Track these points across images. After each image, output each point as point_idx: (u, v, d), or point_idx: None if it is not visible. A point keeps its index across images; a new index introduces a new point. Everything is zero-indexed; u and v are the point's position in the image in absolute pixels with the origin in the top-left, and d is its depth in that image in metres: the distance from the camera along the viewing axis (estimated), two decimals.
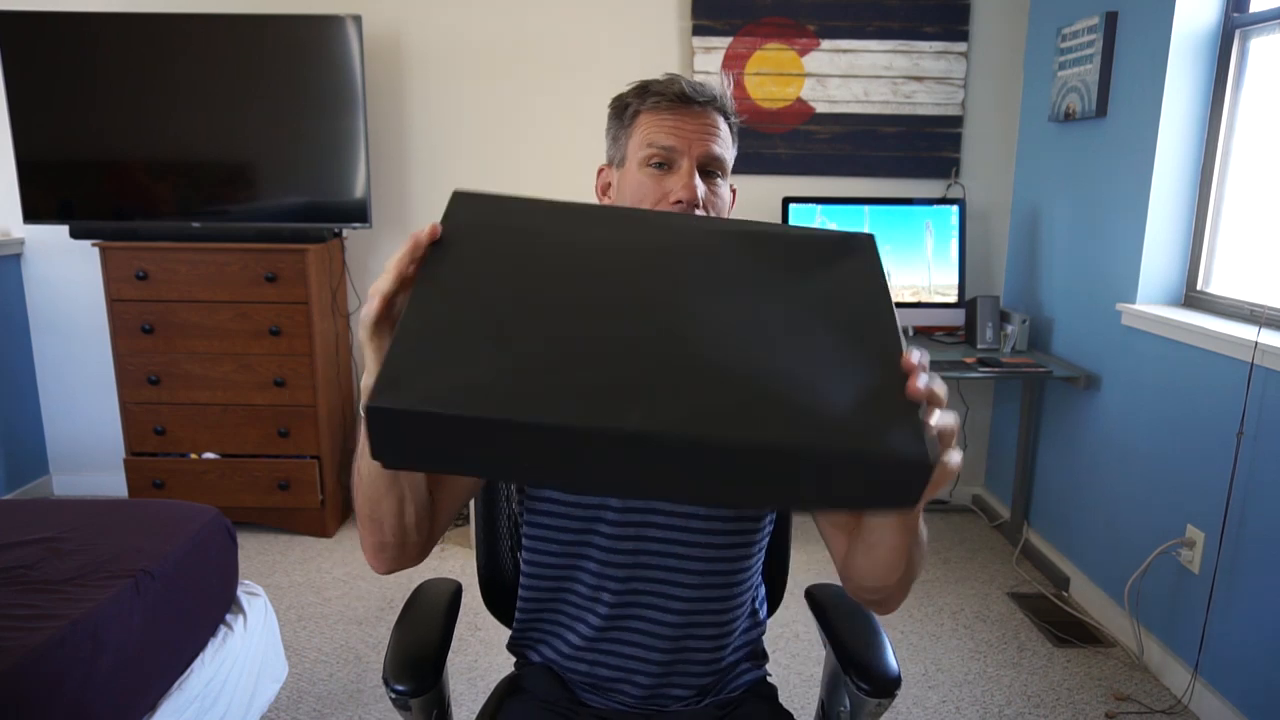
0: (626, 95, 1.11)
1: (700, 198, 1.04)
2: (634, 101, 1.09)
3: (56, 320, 3.31)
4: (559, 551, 1.13)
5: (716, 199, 1.07)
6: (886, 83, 3.18)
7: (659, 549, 1.11)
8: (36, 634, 1.42)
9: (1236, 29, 2.28)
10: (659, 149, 1.05)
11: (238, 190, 2.95)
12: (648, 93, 1.08)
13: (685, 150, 1.05)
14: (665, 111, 1.06)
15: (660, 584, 1.11)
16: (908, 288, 3.07)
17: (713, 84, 1.09)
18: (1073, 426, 2.81)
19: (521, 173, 3.23)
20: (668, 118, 1.06)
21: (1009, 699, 2.21)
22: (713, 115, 1.08)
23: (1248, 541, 2.01)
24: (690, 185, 1.03)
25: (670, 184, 1.05)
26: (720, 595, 1.14)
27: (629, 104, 1.10)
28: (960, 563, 2.97)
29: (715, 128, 1.07)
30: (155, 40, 2.84)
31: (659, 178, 1.06)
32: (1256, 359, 1.95)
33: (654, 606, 1.12)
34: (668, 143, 1.05)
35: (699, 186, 1.04)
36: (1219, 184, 2.35)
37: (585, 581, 1.13)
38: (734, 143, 1.12)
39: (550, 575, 1.15)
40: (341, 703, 2.15)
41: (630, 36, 3.16)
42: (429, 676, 1.07)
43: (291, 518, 3.09)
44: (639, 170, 1.07)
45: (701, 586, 1.12)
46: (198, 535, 1.88)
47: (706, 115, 1.07)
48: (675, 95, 1.06)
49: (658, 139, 1.06)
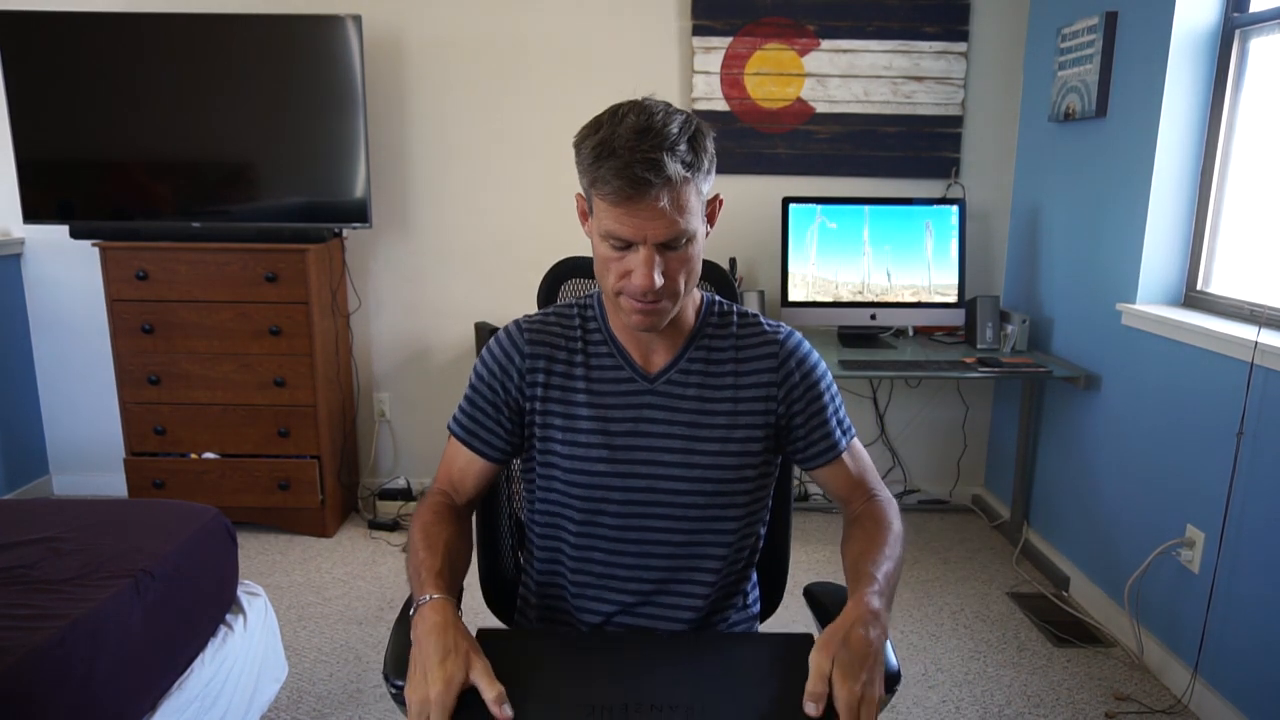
0: (583, 151, 1.05)
1: (657, 284, 1.05)
2: (588, 171, 1.04)
3: (56, 320, 3.31)
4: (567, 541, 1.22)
5: (680, 266, 1.07)
6: (886, 83, 3.18)
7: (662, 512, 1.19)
8: (36, 634, 1.42)
9: (1236, 29, 2.28)
10: (615, 238, 1.05)
11: (238, 190, 2.96)
12: (599, 170, 1.02)
13: (641, 239, 1.04)
14: (616, 204, 1.03)
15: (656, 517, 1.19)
16: (908, 288, 3.07)
17: (665, 152, 1.00)
18: (1073, 426, 2.81)
19: (521, 172, 3.23)
20: (620, 210, 1.03)
21: (1009, 699, 2.21)
22: (669, 196, 1.02)
23: (1247, 541, 2.01)
24: (647, 275, 1.04)
25: (631, 263, 1.06)
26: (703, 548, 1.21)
27: (584, 170, 1.05)
28: (960, 563, 2.97)
29: (671, 210, 1.02)
30: (155, 40, 2.84)
31: (620, 254, 1.06)
32: (1256, 359, 1.95)
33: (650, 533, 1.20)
34: (623, 234, 1.04)
35: (657, 276, 1.04)
36: (1219, 184, 2.35)
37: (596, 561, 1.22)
38: (704, 184, 1.07)
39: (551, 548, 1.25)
40: (341, 703, 2.15)
41: (630, 36, 3.16)
42: None
43: (291, 518, 3.09)
44: (601, 241, 1.08)
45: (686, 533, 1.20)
46: (198, 535, 1.88)
47: (659, 202, 1.01)
48: (621, 192, 1.01)
49: (613, 228, 1.04)
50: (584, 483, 1.17)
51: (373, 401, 3.41)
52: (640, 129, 1.02)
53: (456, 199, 3.26)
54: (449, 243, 3.29)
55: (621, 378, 1.18)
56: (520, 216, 3.26)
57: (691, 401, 1.18)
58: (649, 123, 1.02)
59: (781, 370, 1.20)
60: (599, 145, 1.03)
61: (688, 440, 1.17)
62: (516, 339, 1.20)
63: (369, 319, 3.35)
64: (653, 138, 1.01)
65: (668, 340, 1.19)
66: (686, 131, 1.04)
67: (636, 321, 1.11)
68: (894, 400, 3.42)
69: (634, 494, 1.17)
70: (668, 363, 1.19)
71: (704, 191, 1.08)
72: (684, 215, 1.04)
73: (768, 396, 1.19)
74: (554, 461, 1.18)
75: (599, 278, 1.13)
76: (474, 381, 1.21)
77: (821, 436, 1.22)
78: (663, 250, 1.05)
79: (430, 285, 3.32)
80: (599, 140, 1.03)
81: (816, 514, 3.36)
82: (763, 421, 1.19)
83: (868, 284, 3.06)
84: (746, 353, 1.20)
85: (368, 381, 3.40)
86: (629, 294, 1.08)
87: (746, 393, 1.19)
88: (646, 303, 1.08)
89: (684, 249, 1.07)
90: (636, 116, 1.03)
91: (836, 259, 3.05)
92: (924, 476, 3.50)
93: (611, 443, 1.16)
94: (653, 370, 1.19)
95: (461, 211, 3.27)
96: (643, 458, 1.16)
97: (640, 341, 1.19)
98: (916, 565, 2.95)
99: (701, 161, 1.05)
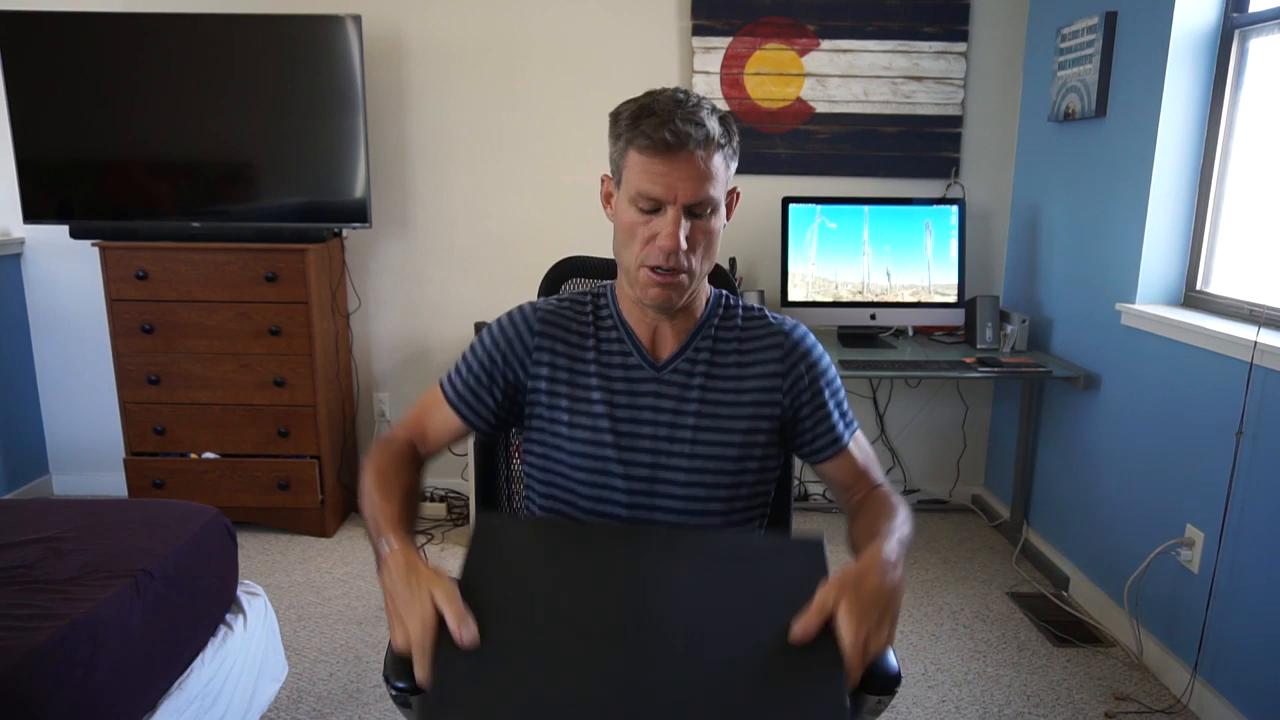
0: (622, 117, 1.12)
1: (682, 246, 1.09)
2: (626, 132, 1.11)
3: (56, 320, 3.31)
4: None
5: (702, 237, 1.12)
6: (886, 83, 3.18)
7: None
8: (36, 634, 1.42)
9: (1236, 29, 2.28)
10: (646, 198, 1.09)
11: (238, 190, 2.95)
12: (639, 127, 1.08)
13: (671, 200, 1.09)
14: (653, 156, 1.08)
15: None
16: (907, 288, 3.07)
17: (704, 115, 1.09)
18: (1072, 426, 2.81)
19: (521, 172, 3.23)
20: (655, 163, 1.08)
21: (1009, 699, 2.21)
22: (702, 156, 1.08)
23: (1247, 541, 2.02)
24: (673, 235, 1.09)
25: (657, 226, 1.10)
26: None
27: (621, 133, 1.12)
28: (960, 562, 2.97)
29: (704, 171, 1.08)
30: (155, 40, 2.84)
31: (647, 219, 1.11)
32: (1256, 359, 1.95)
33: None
34: (654, 193, 1.09)
35: (682, 236, 1.09)
36: (1218, 184, 2.36)
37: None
38: (731, 163, 1.14)
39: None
40: (341, 703, 2.15)
41: (630, 36, 3.16)
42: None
43: (291, 517, 3.09)
44: (629, 206, 1.12)
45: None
46: (198, 535, 1.88)
47: (694, 159, 1.08)
48: (661, 143, 1.07)
49: (644, 187, 1.09)
50: (589, 467, 1.18)
51: (373, 401, 3.41)
52: (678, 100, 1.10)
53: (456, 199, 3.26)
54: (449, 243, 3.29)
55: (630, 364, 1.20)
56: (520, 216, 3.26)
57: (696, 391, 1.19)
58: (685, 97, 1.12)
59: (787, 362, 1.21)
60: (640, 108, 1.10)
61: (693, 430, 1.18)
62: (530, 319, 1.22)
63: (369, 319, 3.35)
64: (691, 105, 1.10)
65: (676, 329, 1.21)
66: (718, 113, 1.13)
67: (655, 295, 1.13)
68: (894, 400, 3.42)
69: (636, 483, 1.17)
70: (674, 351, 1.21)
71: (731, 169, 1.14)
72: (713, 181, 1.10)
73: (773, 389, 1.20)
74: (559, 445, 1.19)
75: (619, 253, 1.16)
76: (476, 348, 1.23)
77: (826, 430, 1.23)
78: (689, 215, 1.10)
79: (430, 285, 3.32)
80: (639, 105, 1.11)
81: (816, 514, 3.36)
82: (768, 414, 1.20)
83: (867, 284, 3.06)
84: (752, 344, 1.22)
85: (367, 381, 3.40)
86: (652, 262, 1.11)
87: (751, 383, 1.20)
88: (667, 272, 1.11)
89: (708, 219, 1.12)
90: (674, 92, 1.12)
91: (836, 259, 3.06)
92: (924, 476, 3.50)
93: (617, 428, 1.17)
94: (660, 359, 1.21)
95: (461, 211, 3.27)
96: (647, 446, 1.17)
97: (650, 329, 1.21)
98: (916, 565, 2.95)
99: (732, 138, 1.13)
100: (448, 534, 3.15)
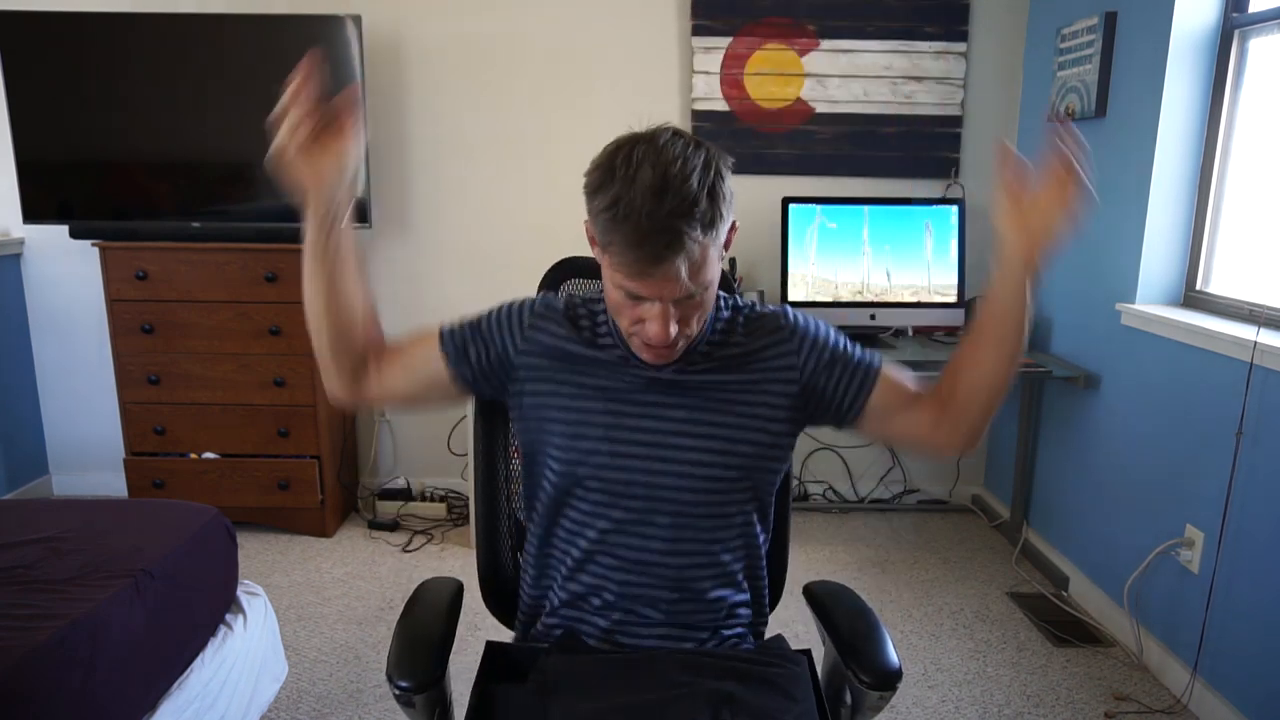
0: (593, 207, 1.02)
1: (671, 338, 1.04)
2: (599, 229, 1.02)
3: (56, 320, 3.31)
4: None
5: (695, 311, 1.07)
6: (886, 83, 3.18)
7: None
8: (36, 634, 1.42)
9: (1236, 29, 2.28)
10: (628, 295, 1.03)
11: (238, 190, 2.95)
12: (611, 235, 0.99)
13: (656, 297, 1.02)
14: (629, 276, 1.00)
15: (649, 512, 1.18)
16: (907, 288, 3.07)
17: (689, 204, 0.96)
18: (1072, 426, 2.81)
19: (521, 173, 3.23)
20: (634, 281, 1.01)
21: (1008, 699, 2.21)
22: (687, 264, 0.98)
23: (1247, 541, 2.02)
24: (662, 330, 1.03)
25: (645, 313, 1.04)
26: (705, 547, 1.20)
27: (594, 218, 1.03)
28: (960, 563, 2.98)
29: (692, 267, 0.99)
30: (155, 40, 2.84)
31: (634, 303, 1.05)
32: (1256, 359, 1.96)
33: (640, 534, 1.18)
34: (638, 292, 1.02)
35: (672, 327, 1.03)
36: (1218, 184, 2.36)
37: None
38: (723, 227, 1.03)
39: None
40: (341, 703, 2.15)
41: (630, 36, 3.16)
42: (432, 673, 1.07)
43: (291, 517, 3.09)
44: (613, 286, 1.05)
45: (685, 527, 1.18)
46: (198, 535, 1.88)
47: (678, 267, 0.98)
48: (637, 269, 0.98)
49: (625, 284, 1.02)
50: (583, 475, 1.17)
51: None
52: (658, 188, 0.96)
53: (456, 200, 3.26)
54: (449, 243, 3.29)
55: (629, 368, 1.18)
56: (520, 217, 3.26)
57: (694, 395, 1.17)
58: (665, 178, 0.96)
59: (793, 341, 1.20)
60: (612, 205, 0.97)
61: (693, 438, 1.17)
62: (538, 309, 1.23)
63: None
64: (671, 199, 0.95)
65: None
66: (706, 182, 0.98)
67: (649, 358, 1.12)
68: None
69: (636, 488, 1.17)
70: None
71: (723, 236, 1.04)
72: (702, 273, 1.02)
73: (788, 380, 1.19)
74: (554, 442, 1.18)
75: (610, 312, 1.14)
76: (483, 314, 1.25)
77: (855, 368, 1.20)
78: (678, 302, 1.03)
79: (430, 286, 3.32)
80: (612, 198, 0.98)
81: (816, 514, 3.36)
82: (783, 402, 1.18)
83: (867, 284, 3.06)
84: (759, 340, 1.20)
85: None
86: (642, 338, 1.08)
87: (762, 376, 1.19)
88: (660, 347, 1.08)
89: (700, 296, 1.05)
90: (652, 169, 0.96)
91: (836, 259, 3.06)
92: (924, 476, 3.50)
93: (612, 435, 1.16)
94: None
95: (461, 212, 3.27)
96: (642, 453, 1.16)
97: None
98: (916, 565, 2.95)
99: (721, 212, 1.00)
100: (447, 534, 3.15)
